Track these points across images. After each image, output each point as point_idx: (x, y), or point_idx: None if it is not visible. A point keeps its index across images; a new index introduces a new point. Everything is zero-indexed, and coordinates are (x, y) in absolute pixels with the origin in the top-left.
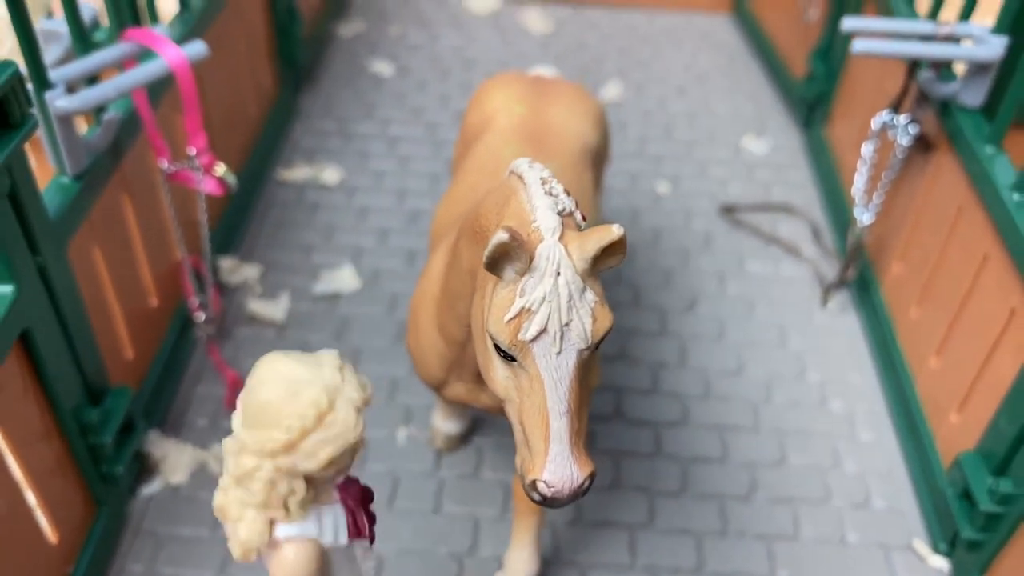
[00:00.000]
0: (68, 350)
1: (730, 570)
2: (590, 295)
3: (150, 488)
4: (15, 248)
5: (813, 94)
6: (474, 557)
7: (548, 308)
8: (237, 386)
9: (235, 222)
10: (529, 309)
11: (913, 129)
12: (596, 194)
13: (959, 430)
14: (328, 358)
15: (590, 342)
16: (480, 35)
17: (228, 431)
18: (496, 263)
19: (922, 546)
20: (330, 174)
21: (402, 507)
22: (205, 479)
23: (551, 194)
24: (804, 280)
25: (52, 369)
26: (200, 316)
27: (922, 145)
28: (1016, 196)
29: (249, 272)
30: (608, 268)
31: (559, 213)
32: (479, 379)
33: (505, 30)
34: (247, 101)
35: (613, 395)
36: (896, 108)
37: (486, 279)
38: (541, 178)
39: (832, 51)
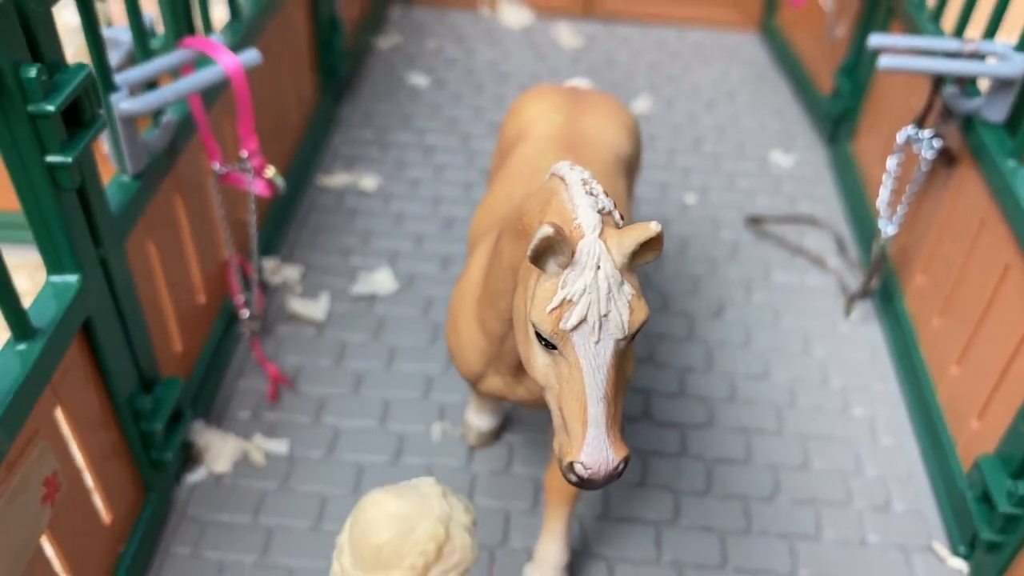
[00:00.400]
0: (125, 340)
1: (753, 567)
2: (628, 288)
3: (195, 476)
4: (81, 240)
5: (839, 110)
6: (505, 548)
7: (588, 299)
8: (278, 380)
9: (277, 225)
10: (570, 300)
11: (937, 143)
12: (628, 201)
13: (979, 435)
14: (429, 487)
15: (627, 332)
16: (514, 49)
17: (269, 424)
18: (540, 256)
19: (941, 548)
20: (368, 181)
21: None
22: (247, 468)
23: (592, 194)
24: (829, 290)
25: (110, 357)
26: (245, 313)
27: (946, 159)
28: None
29: (290, 273)
30: (645, 263)
31: (599, 211)
32: (516, 372)
33: (538, 45)
34: (290, 110)
35: (642, 397)
36: (920, 123)
37: (529, 273)
38: (582, 179)
39: (858, 68)
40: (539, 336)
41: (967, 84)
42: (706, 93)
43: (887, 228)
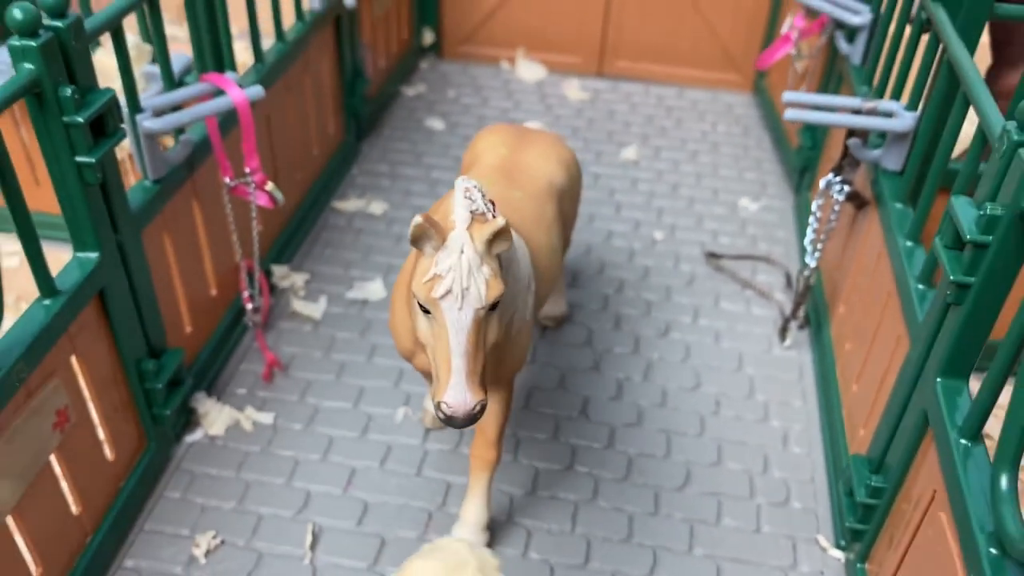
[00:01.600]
0: (135, 311)
1: (654, 544)
2: (486, 269)
3: (193, 436)
4: (102, 226)
5: (802, 162)
6: (442, 511)
7: (453, 275)
8: (273, 365)
9: (291, 239)
10: (440, 275)
11: (846, 188)
12: (556, 222)
13: (863, 441)
14: (455, 543)
15: (484, 303)
16: (524, 100)
17: (261, 399)
18: (417, 240)
19: (825, 540)
20: (376, 206)
21: (391, 468)
22: (237, 433)
23: (469, 198)
24: (770, 320)
25: (120, 323)
26: (249, 306)
27: (857, 203)
28: (908, 242)
29: (296, 279)
30: (501, 250)
31: (472, 211)
32: None
33: (547, 97)
34: (312, 144)
35: (580, 400)
36: (839, 171)
37: (414, 258)
38: (465, 187)
39: (817, 126)
40: (420, 305)
41: (869, 137)
42: (693, 144)
43: (810, 261)
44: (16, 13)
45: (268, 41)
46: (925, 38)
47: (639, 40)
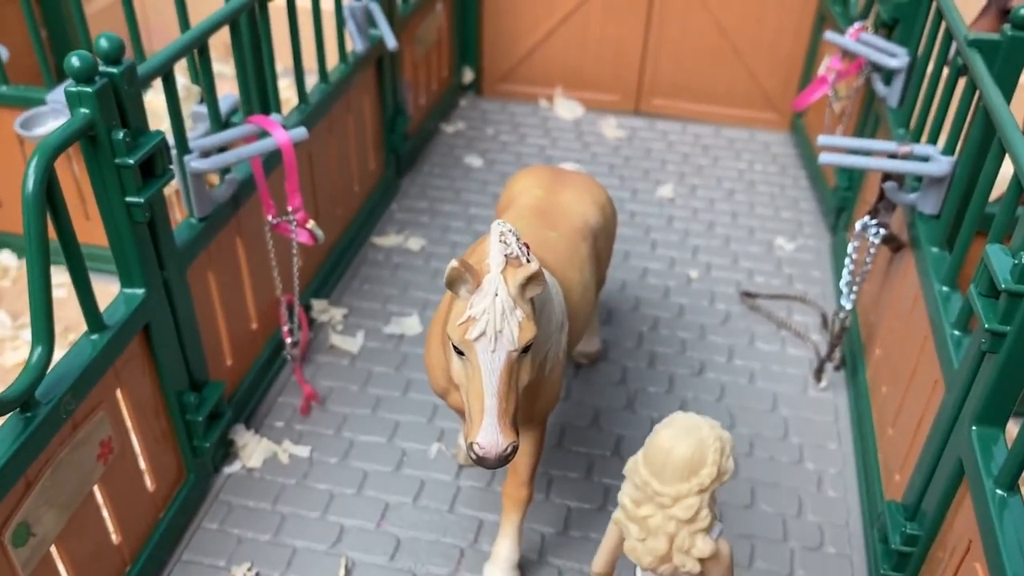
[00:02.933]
0: (178, 346)
1: None
2: (519, 312)
3: (231, 468)
4: (148, 263)
5: (838, 202)
6: (473, 549)
7: (487, 317)
8: (310, 399)
9: (330, 274)
10: (473, 318)
11: (881, 231)
12: (590, 262)
13: (899, 487)
14: (682, 415)
15: (517, 345)
16: (562, 138)
17: (298, 433)
18: (452, 284)
19: None
20: (414, 242)
21: (424, 504)
22: (274, 466)
23: (504, 242)
24: (806, 361)
25: (164, 357)
26: (288, 340)
27: (893, 246)
28: (944, 287)
29: (335, 313)
30: (534, 294)
31: (506, 255)
32: None
33: (584, 134)
34: (353, 180)
35: (613, 438)
36: (875, 214)
37: (450, 299)
38: (500, 232)
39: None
40: (454, 346)
41: (905, 180)
42: (729, 183)
43: (846, 303)
44: (74, 61)
45: (311, 78)
46: (962, 82)
47: (676, 79)
